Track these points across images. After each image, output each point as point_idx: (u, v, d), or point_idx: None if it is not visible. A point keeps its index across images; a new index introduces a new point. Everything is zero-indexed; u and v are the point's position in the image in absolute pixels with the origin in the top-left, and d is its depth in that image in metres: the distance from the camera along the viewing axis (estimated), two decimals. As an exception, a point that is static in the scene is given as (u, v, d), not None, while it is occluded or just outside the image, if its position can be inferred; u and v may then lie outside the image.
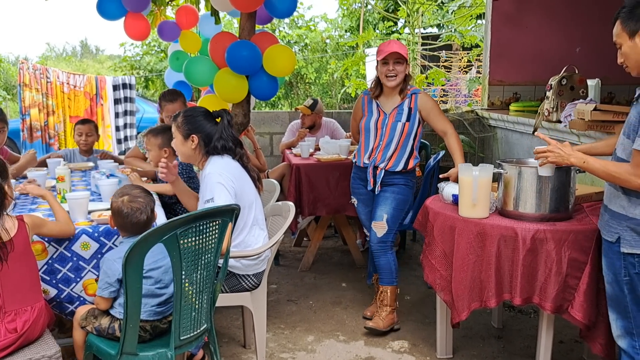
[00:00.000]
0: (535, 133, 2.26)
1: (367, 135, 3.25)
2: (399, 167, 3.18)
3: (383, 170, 3.19)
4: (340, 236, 4.86)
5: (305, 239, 4.88)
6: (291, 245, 4.88)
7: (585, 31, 5.35)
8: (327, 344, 3.10)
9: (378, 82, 3.23)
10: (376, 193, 3.24)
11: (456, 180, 2.78)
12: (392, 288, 3.25)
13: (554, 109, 3.78)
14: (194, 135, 2.61)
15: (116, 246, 2.31)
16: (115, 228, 2.24)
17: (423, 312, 3.50)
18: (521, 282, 2.42)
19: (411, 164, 3.21)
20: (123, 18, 4.28)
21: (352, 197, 3.44)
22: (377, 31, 13.14)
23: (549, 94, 3.84)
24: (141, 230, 2.15)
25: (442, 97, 10.30)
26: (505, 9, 5.50)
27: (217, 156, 2.61)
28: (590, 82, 3.95)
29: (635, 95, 2.05)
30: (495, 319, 3.31)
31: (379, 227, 3.20)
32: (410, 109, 3.17)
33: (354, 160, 3.37)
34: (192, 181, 3.22)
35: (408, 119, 3.16)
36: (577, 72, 3.85)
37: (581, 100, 3.56)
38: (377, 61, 3.17)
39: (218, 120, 2.68)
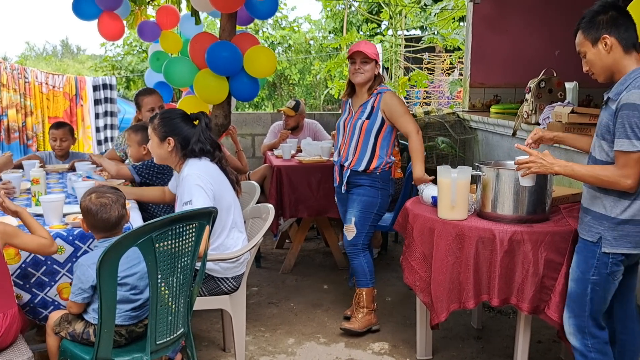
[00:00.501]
0: (516, 145, 2.28)
1: (338, 134, 3.35)
2: (362, 167, 3.19)
3: (349, 170, 3.23)
4: (323, 238, 4.86)
5: (287, 240, 4.87)
6: (273, 247, 4.86)
7: (564, 35, 5.36)
8: (308, 347, 3.09)
9: (350, 82, 3.28)
10: (343, 193, 3.31)
11: (434, 182, 2.80)
12: (368, 290, 3.26)
13: (533, 112, 3.81)
14: (170, 138, 2.59)
15: (91, 250, 2.27)
16: (90, 232, 2.19)
17: (403, 314, 3.51)
18: (499, 283, 2.44)
19: (374, 165, 3.19)
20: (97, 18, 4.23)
21: (335, 196, 3.52)
22: (361, 33, 13.17)
23: (528, 96, 3.88)
24: (114, 228, 2.12)
25: (425, 99, 10.35)
26: (485, 12, 5.55)
27: (194, 159, 2.59)
28: (568, 85, 4.00)
29: (604, 99, 2.11)
30: (474, 319, 3.33)
31: (349, 231, 3.23)
32: (372, 107, 3.19)
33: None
34: (163, 178, 3.17)
35: (368, 117, 3.18)
36: (555, 75, 3.90)
37: (559, 103, 3.60)
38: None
39: (196, 123, 2.66)
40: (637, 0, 2.48)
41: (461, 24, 8.72)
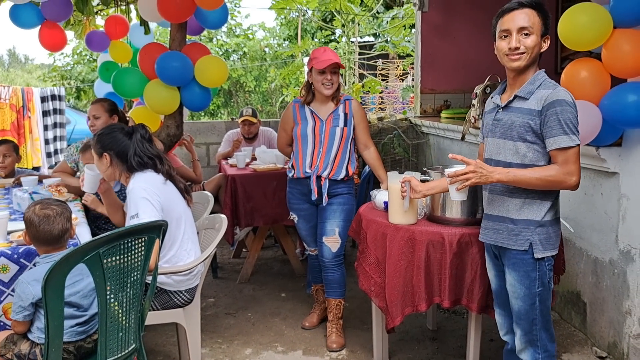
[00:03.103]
0: (450, 155, 2.17)
1: (304, 143, 3.17)
2: (342, 175, 3.15)
3: (327, 180, 3.13)
4: (280, 246, 4.85)
5: (244, 250, 4.84)
6: (230, 257, 4.83)
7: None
8: (265, 356, 3.08)
9: (309, 89, 3.18)
10: (323, 205, 3.16)
11: None
12: (343, 299, 3.28)
13: (480, 116, 3.93)
14: (105, 153, 2.57)
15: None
16: (33, 246, 2.13)
17: (361, 319, 3.55)
18: (449, 285, 2.50)
19: (350, 171, 3.21)
20: (39, 27, 4.12)
21: (290, 212, 3.33)
22: (315, 40, 13.26)
23: (474, 101, 3.98)
24: (55, 242, 2.07)
25: (380, 104, 10.49)
26: (434, 20, 5.69)
27: (139, 172, 2.56)
28: (513, 90, 4.13)
29: (501, 104, 2.12)
30: (429, 321, 3.40)
31: (333, 242, 3.14)
32: (346, 115, 3.18)
33: (290, 175, 3.25)
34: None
35: (345, 124, 3.16)
36: (500, 80, 4.02)
37: (504, 108, 3.72)
38: (311, 68, 3.12)
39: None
40: (577, 6, 2.58)
41: (412, 31, 8.90)
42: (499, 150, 2.14)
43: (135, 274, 2.04)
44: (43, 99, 7.49)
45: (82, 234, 2.44)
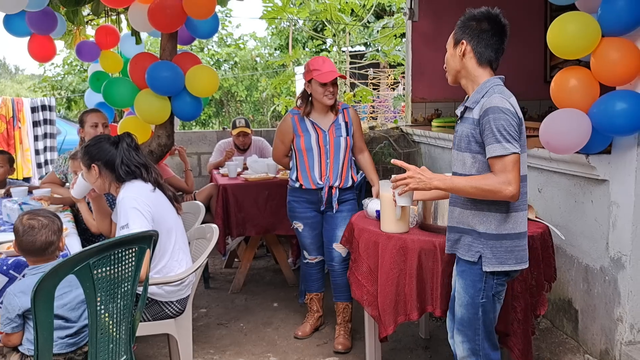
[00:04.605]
0: (392, 160, 2.17)
1: (310, 155, 3.18)
2: (349, 183, 3.23)
3: (338, 190, 3.19)
4: (272, 255, 4.84)
5: (236, 260, 4.82)
6: (222, 267, 4.81)
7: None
8: (258, 367, 3.07)
9: (307, 99, 3.20)
10: (334, 212, 3.22)
11: None
12: (351, 303, 3.31)
13: (470, 125, 3.95)
14: (94, 164, 2.56)
15: (25, 279, 2.18)
16: (22, 256, 2.12)
17: (353, 327, 3.53)
18: (441, 294, 2.49)
19: (356, 178, 3.28)
20: (29, 37, 4.11)
21: (294, 221, 3.32)
22: (307, 49, 13.32)
23: (465, 110, 4.01)
24: (39, 254, 2.06)
25: (371, 113, 10.54)
26: (424, 29, 5.72)
27: (128, 182, 2.55)
28: (503, 99, 4.16)
29: (461, 111, 2.13)
30: (422, 329, 3.39)
31: (342, 248, 3.14)
32: (346, 123, 3.23)
33: (296, 185, 3.24)
34: None
35: (347, 133, 3.22)
36: (490, 89, 4.06)
37: (494, 116, 3.74)
38: (311, 80, 3.11)
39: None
40: (565, 15, 2.61)
41: (403, 40, 8.96)
42: (455, 162, 2.15)
43: (126, 284, 2.02)
44: (33, 110, 7.46)
45: (72, 244, 2.42)
